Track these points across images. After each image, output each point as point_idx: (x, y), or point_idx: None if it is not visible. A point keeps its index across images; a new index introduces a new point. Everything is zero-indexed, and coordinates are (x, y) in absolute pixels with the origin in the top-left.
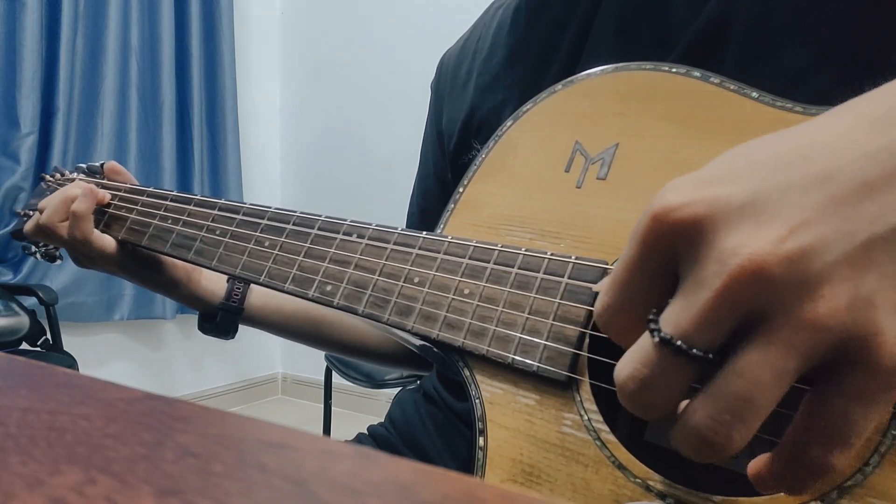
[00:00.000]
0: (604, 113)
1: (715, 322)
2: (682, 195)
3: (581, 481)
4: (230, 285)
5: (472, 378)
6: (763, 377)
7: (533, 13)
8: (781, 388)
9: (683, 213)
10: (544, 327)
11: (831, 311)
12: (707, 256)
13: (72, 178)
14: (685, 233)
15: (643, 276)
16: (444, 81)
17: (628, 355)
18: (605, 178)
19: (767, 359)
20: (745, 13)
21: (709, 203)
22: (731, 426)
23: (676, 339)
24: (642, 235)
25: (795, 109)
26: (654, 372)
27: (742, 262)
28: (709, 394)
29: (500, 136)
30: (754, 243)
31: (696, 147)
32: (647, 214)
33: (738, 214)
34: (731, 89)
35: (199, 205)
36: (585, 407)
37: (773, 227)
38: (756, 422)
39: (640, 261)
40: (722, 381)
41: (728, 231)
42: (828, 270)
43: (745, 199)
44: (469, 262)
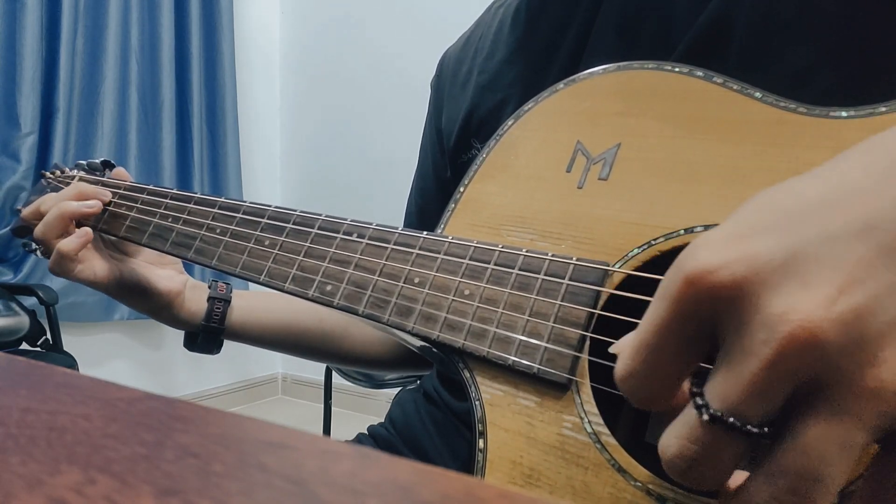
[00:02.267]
0: (606, 113)
1: (768, 394)
2: (717, 254)
3: (581, 484)
4: (210, 305)
5: (473, 379)
6: (829, 453)
7: (534, 12)
8: (850, 462)
9: (722, 275)
10: (545, 329)
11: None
12: (753, 322)
13: (72, 176)
14: (725, 296)
15: (677, 341)
16: (444, 80)
17: (673, 431)
18: (607, 179)
19: (833, 432)
20: (748, 13)
21: (748, 263)
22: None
23: (727, 415)
24: (676, 297)
25: (799, 110)
26: (706, 449)
27: (793, 329)
28: (771, 472)
29: (501, 135)
30: (803, 307)
31: (699, 148)
32: (679, 275)
33: (781, 274)
34: (735, 89)
35: (199, 203)
36: (586, 409)
37: (820, 287)
38: (827, 500)
39: (673, 324)
40: (784, 458)
41: (772, 293)
42: (886, 330)
43: (785, 255)
44: (469, 263)
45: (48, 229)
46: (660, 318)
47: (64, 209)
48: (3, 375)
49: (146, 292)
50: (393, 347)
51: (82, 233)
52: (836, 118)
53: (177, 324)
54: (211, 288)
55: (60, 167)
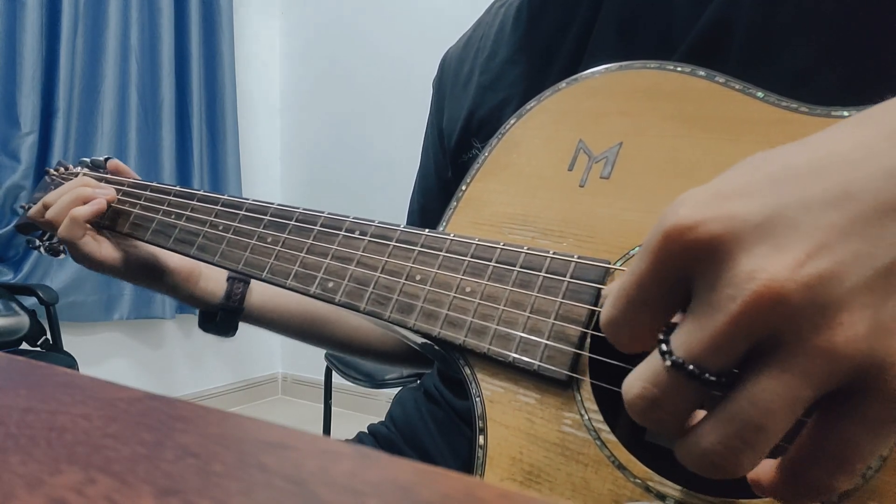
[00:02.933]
0: (608, 112)
1: (729, 347)
2: (698, 211)
3: (581, 481)
4: (230, 285)
5: (473, 376)
6: (776, 405)
7: (535, 12)
8: (793, 416)
9: (699, 231)
10: (546, 326)
11: (849, 339)
12: (722, 279)
13: (75, 173)
14: (700, 252)
15: (654, 292)
16: (445, 79)
17: (638, 373)
18: (609, 178)
19: (781, 387)
20: (748, 14)
21: (725, 221)
22: (740, 451)
23: (688, 363)
24: (655, 251)
25: (801, 110)
26: (664, 393)
27: (758, 287)
28: (719, 419)
29: (503, 133)
30: (771, 268)
31: (701, 147)
32: (659, 229)
33: (756, 235)
34: (737, 89)
35: (202, 200)
36: (586, 406)
37: (790, 250)
38: (766, 448)
39: (651, 276)
40: (733, 406)
41: (744, 253)
42: (846, 297)
43: (762, 217)
44: (471, 261)
45: (60, 212)
46: (639, 270)
47: (78, 193)
48: (3, 375)
49: (159, 270)
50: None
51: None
52: (837, 118)
53: (194, 301)
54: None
55: (64, 164)
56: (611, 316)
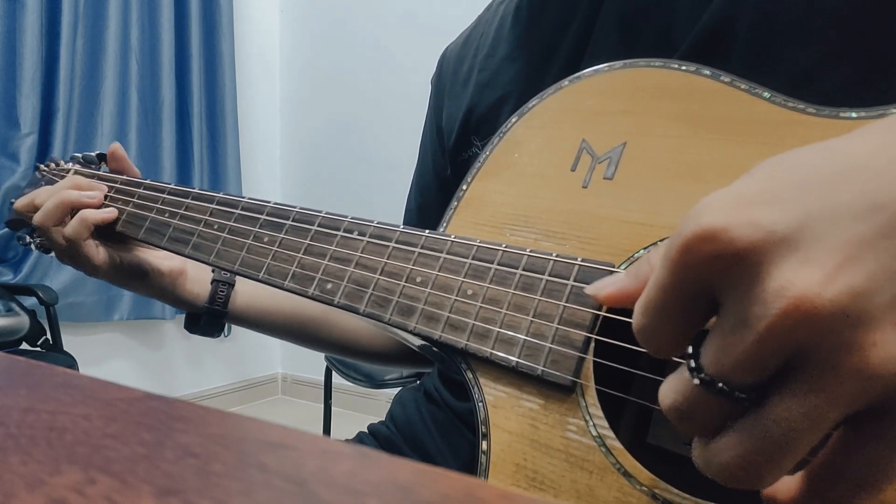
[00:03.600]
0: (611, 111)
1: (758, 365)
2: (722, 218)
3: (585, 488)
4: (214, 287)
5: (476, 381)
6: (801, 424)
7: (534, 10)
8: (819, 435)
9: (723, 241)
10: (549, 331)
11: (882, 360)
12: (750, 294)
13: (67, 169)
14: (725, 264)
15: (677, 302)
16: (444, 77)
17: (670, 384)
18: (612, 178)
19: (808, 407)
20: (751, 13)
21: (751, 230)
22: (761, 467)
23: (717, 380)
24: (677, 260)
25: (808, 110)
26: (693, 407)
27: (788, 304)
28: (743, 434)
29: (504, 132)
30: (801, 282)
31: (706, 147)
32: (681, 237)
33: (783, 246)
34: (742, 88)
35: (196, 198)
36: (591, 412)
37: (819, 263)
38: (789, 465)
39: (673, 286)
40: (758, 423)
41: (772, 266)
42: (878, 314)
43: (788, 227)
44: (472, 263)
45: (47, 217)
46: (662, 279)
47: (64, 197)
48: (3, 375)
49: (147, 274)
50: (399, 342)
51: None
52: (845, 119)
53: (180, 304)
54: (215, 270)
55: (55, 160)
56: (640, 324)
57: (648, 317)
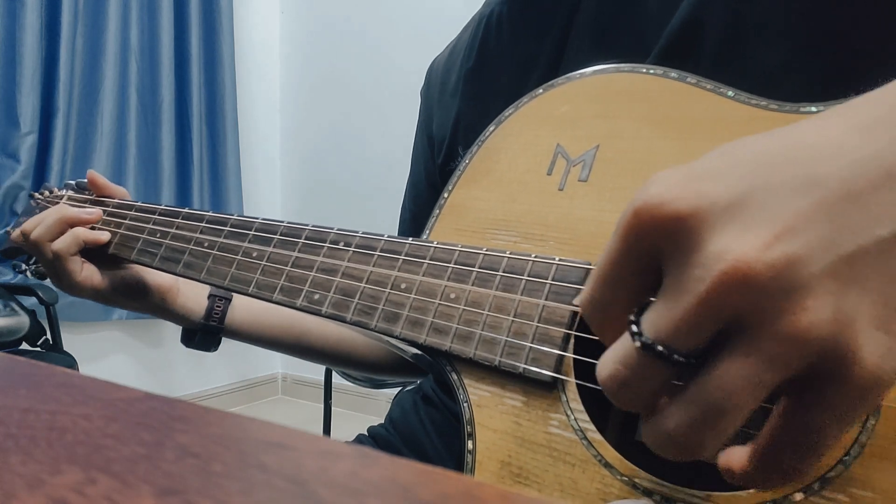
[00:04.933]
0: (584, 115)
1: (697, 328)
2: (668, 190)
3: (569, 481)
4: (210, 303)
5: (461, 382)
6: (739, 387)
7: (513, 23)
8: (757, 399)
9: (668, 209)
10: (529, 329)
11: (812, 324)
12: (691, 259)
13: (61, 195)
14: (669, 230)
15: (625, 272)
16: (433, 88)
17: (610, 354)
18: (587, 180)
19: (745, 369)
20: (719, 14)
21: (694, 201)
22: (703, 433)
23: (657, 343)
24: (625, 230)
25: (770, 107)
26: (634, 373)
27: (726, 267)
28: (684, 400)
29: (482, 141)
30: (739, 248)
31: (675, 147)
32: (630, 208)
33: (724, 215)
34: (708, 88)
35: (186, 218)
36: (572, 407)
37: (758, 231)
38: (730, 430)
39: (622, 255)
40: (697, 388)
41: (713, 233)
42: (812, 281)
43: (731, 198)
44: (454, 267)
45: (45, 231)
46: (612, 250)
47: (63, 212)
48: (3, 375)
49: (137, 292)
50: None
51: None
52: (806, 113)
53: (173, 319)
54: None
55: (49, 188)
56: (586, 298)
57: (597, 288)
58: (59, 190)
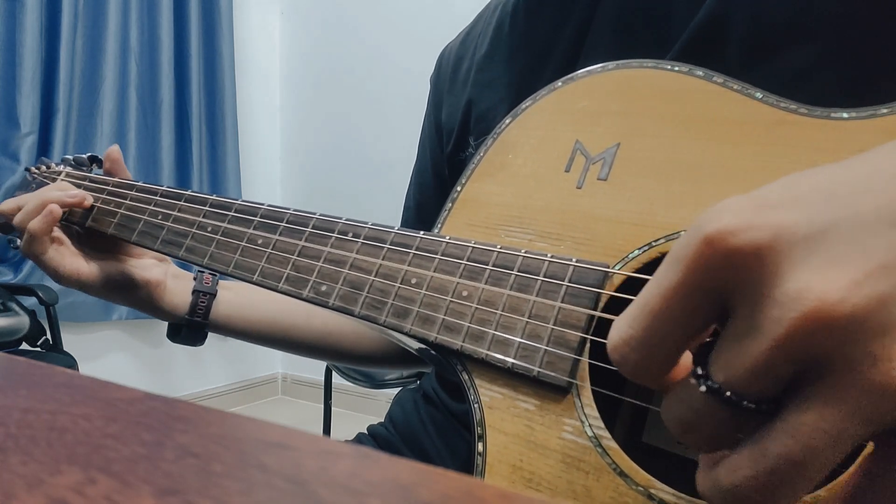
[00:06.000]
0: (605, 112)
1: (771, 373)
2: (742, 218)
3: (582, 489)
4: (194, 298)
5: (471, 382)
6: (819, 441)
7: (531, 11)
8: (839, 454)
9: (743, 239)
10: (545, 331)
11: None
12: (767, 296)
13: (58, 171)
14: (744, 262)
15: (688, 307)
16: (443, 76)
17: (675, 394)
18: (606, 179)
19: (826, 421)
20: (745, 12)
21: (773, 231)
22: (776, 490)
23: (726, 389)
24: (691, 260)
25: (800, 111)
26: (701, 418)
27: (808, 308)
28: (755, 451)
29: (498, 133)
30: (823, 286)
31: (699, 148)
32: (697, 236)
33: (805, 248)
34: (735, 89)
35: (189, 200)
36: (586, 413)
37: (844, 268)
38: (806, 488)
39: (684, 289)
40: (771, 439)
41: (794, 268)
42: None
43: (813, 230)
44: (468, 264)
45: (27, 216)
46: (669, 282)
47: (45, 196)
48: (3, 375)
49: (125, 286)
50: (385, 344)
51: (47, 211)
52: (837, 119)
53: (160, 314)
54: (196, 279)
55: (46, 162)
56: (627, 336)
57: (643, 326)
58: (56, 165)
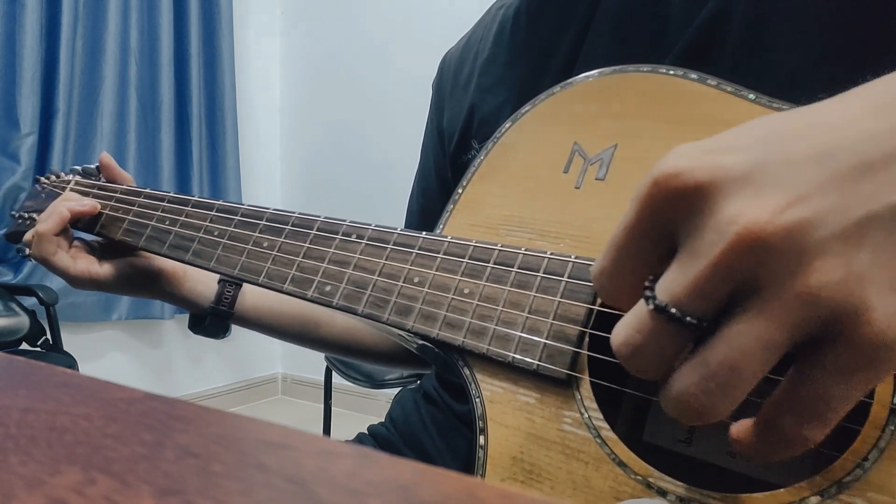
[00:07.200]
0: (602, 114)
1: (710, 290)
2: (686, 161)
3: (581, 479)
4: (220, 288)
5: (473, 377)
6: (750, 347)
7: (532, 16)
8: (769, 360)
9: (684, 178)
10: (544, 326)
11: (823, 284)
12: (705, 224)
13: (67, 181)
14: (685, 199)
15: (641, 241)
16: (445, 81)
17: (624, 321)
18: (604, 179)
19: (756, 329)
20: (742, 15)
21: (710, 170)
22: (715, 395)
23: (671, 306)
24: (642, 199)
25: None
26: (648, 338)
27: (739, 230)
28: (696, 361)
29: (498, 137)
30: (752, 212)
31: None
32: (648, 178)
33: (739, 183)
34: (728, 91)
35: (196, 206)
36: (585, 405)
37: (771, 197)
38: (741, 392)
39: (638, 225)
40: (710, 349)
41: (727, 199)
42: (822, 244)
43: (746, 169)
44: (469, 262)
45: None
46: (628, 219)
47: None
48: (3, 375)
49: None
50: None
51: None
52: None
53: (181, 304)
54: None
55: (55, 172)
56: (601, 267)
57: (611, 257)
58: (65, 175)
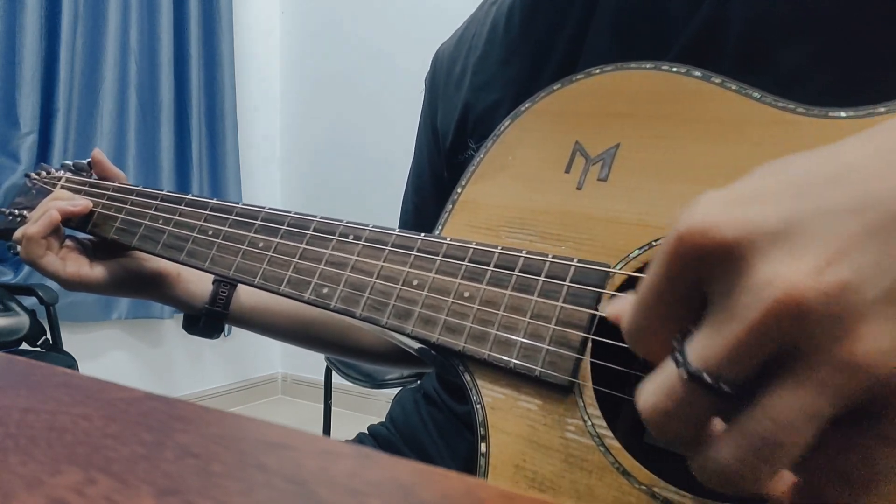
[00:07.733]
0: (604, 113)
1: (746, 357)
2: (712, 214)
3: (585, 488)
4: (215, 288)
5: (474, 383)
6: (793, 419)
7: (527, 13)
8: (813, 431)
9: (713, 235)
10: (546, 331)
11: (870, 352)
12: (739, 285)
13: (58, 177)
14: (715, 257)
15: (669, 299)
16: (438, 77)
17: (652, 383)
18: (607, 180)
19: (798, 400)
20: (743, 13)
21: (741, 225)
22: (757, 468)
23: (704, 373)
24: (668, 256)
25: (798, 110)
26: (679, 405)
27: (778, 294)
28: (736, 433)
29: (498, 135)
30: (790, 274)
31: (698, 148)
32: (673, 233)
33: (773, 241)
34: (733, 89)
35: (190, 204)
36: (589, 412)
37: (809, 257)
38: (785, 463)
39: (665, 282)
40: (750, 420)
41: (762, 259)
42: (867, 307)
43: (779, 223)
44: (469, 265)
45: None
46: (654, 276)
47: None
48: (3, 375)
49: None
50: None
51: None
52: (834, 118)
53: (175, 304)
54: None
55: (46, 168)
56: (630, 325)
57: (639, 315)
58: (56, 171)
